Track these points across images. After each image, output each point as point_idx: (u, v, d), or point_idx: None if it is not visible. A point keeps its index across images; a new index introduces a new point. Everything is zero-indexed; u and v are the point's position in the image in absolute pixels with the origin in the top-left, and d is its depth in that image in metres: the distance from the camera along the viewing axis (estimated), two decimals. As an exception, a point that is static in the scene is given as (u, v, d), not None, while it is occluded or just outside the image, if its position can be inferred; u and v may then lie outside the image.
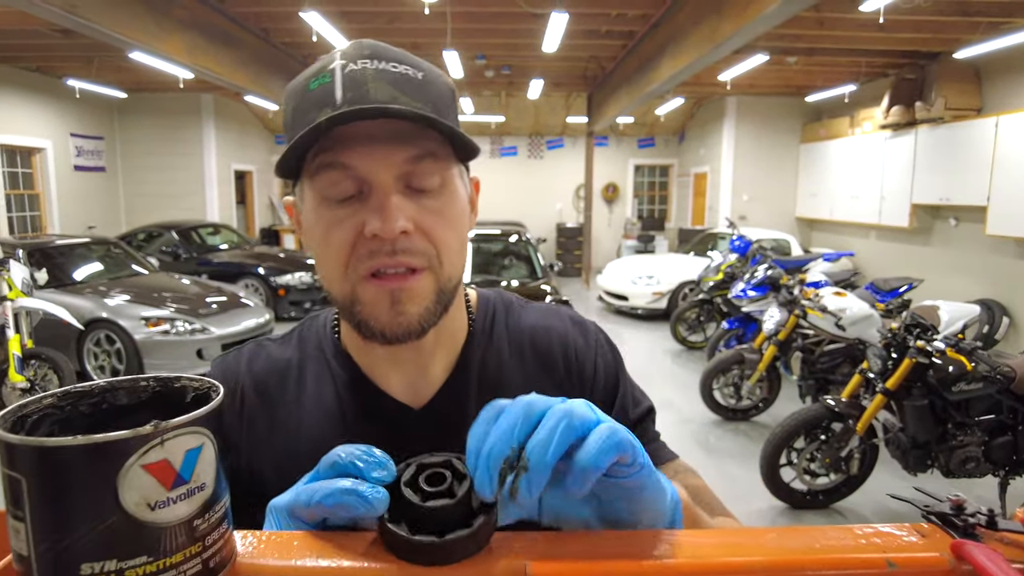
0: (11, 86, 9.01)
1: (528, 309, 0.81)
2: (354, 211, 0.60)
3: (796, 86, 10.49)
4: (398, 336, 0.62)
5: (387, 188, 0.59)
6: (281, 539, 0.46)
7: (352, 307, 0.62)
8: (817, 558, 0.44)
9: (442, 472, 0.46)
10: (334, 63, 0.59)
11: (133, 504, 0.36)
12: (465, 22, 7.03)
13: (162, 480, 0.37)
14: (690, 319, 7.13)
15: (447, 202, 0.63)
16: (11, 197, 9.08)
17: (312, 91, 0.59)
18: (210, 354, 5.64)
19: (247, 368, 0.74)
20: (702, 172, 12.89)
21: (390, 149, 0.59)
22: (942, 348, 3.11)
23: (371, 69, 0.59)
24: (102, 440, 0.35)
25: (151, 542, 0.37)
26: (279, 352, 0.75)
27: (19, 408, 0.41)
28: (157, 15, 5.52)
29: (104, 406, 0.45)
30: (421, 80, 0.61)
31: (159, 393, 0.46)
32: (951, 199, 7.44)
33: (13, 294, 4.47)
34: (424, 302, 0.62)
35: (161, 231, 8.89)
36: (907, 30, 6.91)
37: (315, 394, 0.71)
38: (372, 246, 0.59)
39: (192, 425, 0.38)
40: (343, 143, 0.58)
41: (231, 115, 12.18)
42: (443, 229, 0.62)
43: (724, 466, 4.13)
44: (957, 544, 0.45)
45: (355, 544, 0.45)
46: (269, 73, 7.90)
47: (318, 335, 0.76)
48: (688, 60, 5.90)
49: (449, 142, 0.62)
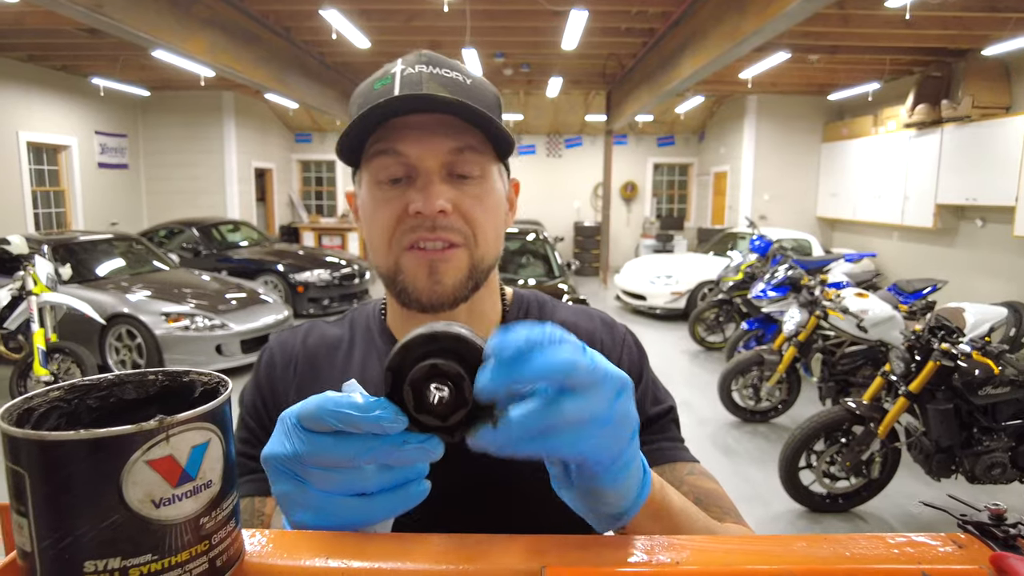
0: (38, 85, 9.17)
1: (561, 308, 0.85)
2: (401, 192, 0.68)
3: (818, 84, 10.35)
4: (433, 303, 0.69)
5: (432, 173, 0.67)
6: (290, 539, 0.45)
7: (395, 276, 0.70)
8: (847, 567, 0.42)
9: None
10: (395, 68, 0.70)
11: (137, 501, 0.35)
12: (484, 20, 7.02)
13: (167, 477, 0.36)
14: (709, 319, 7.06)
15: (485, 190, 0.70)
16: (37, 194, 9.24)
17: (375, 90, 0.69)
18: (229, 350, 5.70)
19: (302, 342, 0.82)
20: (722, 171, 12.77)
21: (437, 139, 0.67)
22: (968, 351, 3.05)
23: (427, 72, 0.68)
24: (105, 435, 0.34)
25: (156, 540, 0.36)
26: (332, 330, 0.84)
27: (25, 401, 0.40)
28: (180, 14, 5.57)
29: (111, 400, 0.44)
30: (470, 85, 0.70)
31: (167, 387, 0.45)
32: (978, 199, 7.29)
33: (38, 289, 4.54)
34: (458, 274, 0.69)
35: (182, 228, 8.99)
36: (934, 26, 6.78)
37: (360, 365, 0.78)
38: (414, 222, 0.67)
39: (198, 420, 0.37)
40: (396, 132, 0.67)
41: (251, 113, 12.29)
42: (479, 212, 0.69)
43: (742, 468, 4.08)
44: (997, 556, 0.43)
45: (366, 545, 0.43)
46: (289, 71, 7.95)
47: (367, 317, 0.84)
48: (709, 58, 5.84)
49: (490, 140, 0.70)
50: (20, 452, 0.34)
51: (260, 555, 0.43)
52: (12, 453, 0.34)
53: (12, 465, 0.35)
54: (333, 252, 9.53)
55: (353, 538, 0.44)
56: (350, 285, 8.69)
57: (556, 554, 0.42)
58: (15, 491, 0.35)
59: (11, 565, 0.39)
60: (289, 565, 0.42)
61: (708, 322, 7.07)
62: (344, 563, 0.41)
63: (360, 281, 8.87)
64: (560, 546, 0.44)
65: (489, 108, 0.70)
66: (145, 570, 0.36)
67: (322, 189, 14.72)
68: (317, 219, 14.02)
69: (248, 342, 5.84)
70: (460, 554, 0.42)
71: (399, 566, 0.41)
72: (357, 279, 8.80)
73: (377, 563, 0.41)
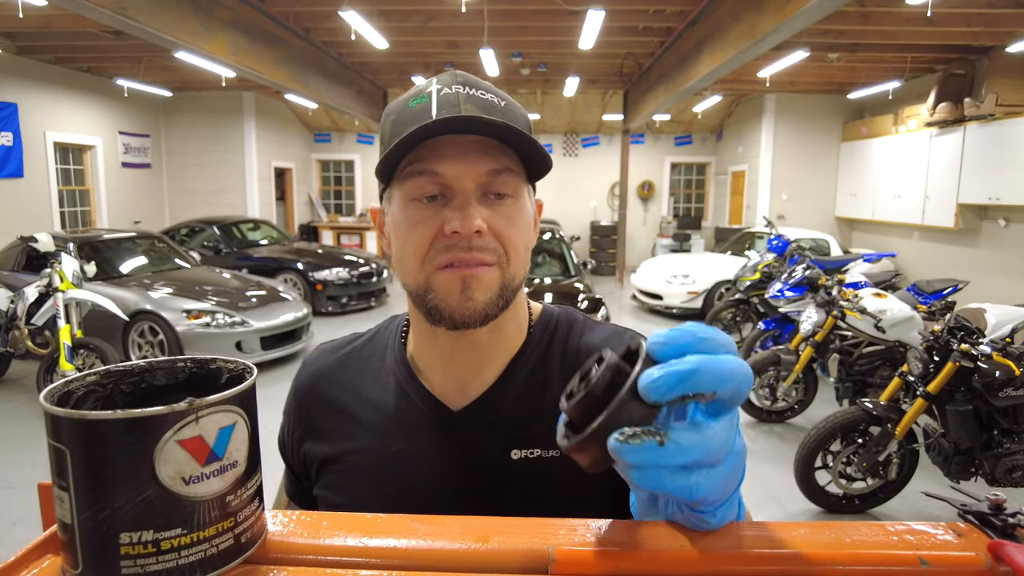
0: (65, 86, 9.34)
1: (594, 329, 0.82)
2: (436, 211, 0.68)
3: (838, 83, 10.24)
4: (465, 320, 0.68)
5: (468, 193, 0.67)
6: (311, 519, 0.47)
7: (425, 295, 0.69)
8: (847, 553, 0.43)
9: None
10: (431, 87, 0.69)
11: (168, 477, 0.37)
12: (502, 20, 7.04)
13: (196, 455, 0.38)
14: (726, 319, 7.02)
15: (518, 211, 0.71)
16: (63, 192, 9.41)
17: (411, 108, 0.69)
18: (249, 347, 5.77)
19: (324, 359, 0.85)
20: (740, 170, 12.68)
21: (474, 160, 0.67)
22: (988, 352, 3.01)
23: (463, 93, 0.68)
24: (140, 415, 0.36)
25: (185, 515, 0.38)
26: (358, 346, 0.85)
27: (65, 384, 0.42)
28: (202, 15, 5.66)
29: (143, 385, 0.47)
30: (504, 107, 0.70)
31: (195, 374, 0.48)
32: (1001, 199, 7.17)
33: (64, 286, 4.64)
34: (490, 292, 0.68)
35: (203, 226, 9.11)
36: (956, 23, 6.68)
37: (372, 387, 0.79)
38: (450, 242, 0.67)
39: (226, 403, 0.40)
40: (433, 152, 0.67)
41: (272, 113, 12.42)
42: (512, 232, 0.70)
43: (758, 468, 4.07)
44: (995, 544, 0.44)
45: (381, 525, 0.45)
46: (308, 71, 8.03)
47: (390, 336, 0.84)
48: (726, 56, 5.81)
49: (523, 161, 0.71)
50: (62, 430, 0.37)
51: (282, 533, 0.45)
52: (55, 431, 0.37)
53: (55, 443, 0.37)
54: (352, 251, 9.61)
55: (370, 519, 0.46)
56: (368, 283, 8.76)
57: (565, 536, 0.44)
58: (57, 467, 0.37)
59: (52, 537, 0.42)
60: (309, 543, 0.44)
61: (725, 322, 7.03)
62: (361, 541, 0.44)
63: (378, 279, 8.94)
64: (569, 529, 0.45)
65: (522, 128, 0.70)
66: (175, 543, 0.38)
67: (341, 188, 14.83)
68: (336, 218, 14.14)
69: (268, 339, 5.92)
70: (472, 535, 0.44)
71: (413, 544, 0.43)
72: (375, 277, 8.87)
73: (391, 541, 0.43)
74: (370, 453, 0.75)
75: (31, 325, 4.79)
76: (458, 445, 0.73)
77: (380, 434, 0.75)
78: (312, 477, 0.80)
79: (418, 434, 0.74)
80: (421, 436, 0.74)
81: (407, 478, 0.73)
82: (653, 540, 0.44)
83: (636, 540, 0.44)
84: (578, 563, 0.42)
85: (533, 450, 0.71)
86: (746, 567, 0.43)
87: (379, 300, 9.14)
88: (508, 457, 0.71)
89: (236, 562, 0.41)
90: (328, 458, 0.77)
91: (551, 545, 0.43)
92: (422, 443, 0.73)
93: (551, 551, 0.42)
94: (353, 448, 0.76)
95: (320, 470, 0.78)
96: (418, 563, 0.42)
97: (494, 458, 0.72)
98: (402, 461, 0.73)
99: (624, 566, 0.41)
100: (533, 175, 0.74)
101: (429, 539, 0.44)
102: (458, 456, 0.72)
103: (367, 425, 0.76)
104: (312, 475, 0.80)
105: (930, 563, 0.43)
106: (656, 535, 0.45)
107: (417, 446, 0.73)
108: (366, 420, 0.77)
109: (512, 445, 0.72)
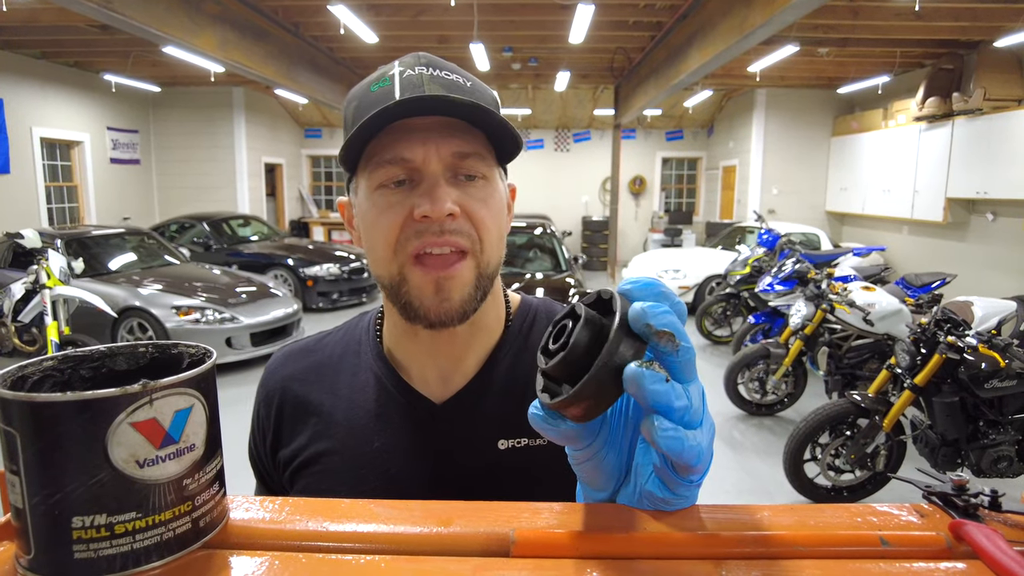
0: (52, 81, 9.26)
1: None
2: (404, 196, 0.65)
3: (828, 78, 10.27)
4: (441, 320, 0.67)
5: (437, 176, 0.65)
6: (274, 504, 0.47)
7: (399, 288, 0.67)
8: (808, 534, 0.43)
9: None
10: (393, 70, 0.67)
11: (122, 460, 0.37)
12: (492, 14, 7.02)
13: (151, 438, 0.38)
14: (716, 313, 7.05)
15: (489, 192, 0.68)
16: (51, 189, 9.34)
17: (373, 92, 0.66)
18: (239, 343, 5.75)
19: (286, 375, 0.81)
20: (731, 165, 12.71)
21: (440, 141, 0.64)
22: (974, 344, 3.03)
23: (427, 74, 0.66)
24: (91, 397, 0.36)
25: (140, 498, 0.38)
26: (328, 344, 0.83)
27: (19, 368, 0.42)
28: (190, 10, 5.61)
29: (103, 370, 0.46)
30: (470, 87, 0.68)
31: (157, 359, 0.47)
32: (989, 193, 7.22)
33: (51, 282, 4.60)
34: (465, 288, 0.66)
35: (193, 222, 9.06)
36: (945, 18, 6.72)
37: (348, 384, 0.77)
38: (420, 227, 0.64)
39: (181, 386, 0.39)
40: (398, 136, 0.64)
41: (261, 109, 12.35)
42: (485, 214, 0.67)
43: (747, 461, 4.09)
44: (956, 524, 0.44)
45: (344, 509, 0.45)
46: (298, 66, 7.98)
47: (361, 331, 0.82)
48: (716, 51, 5.82)
49: (492, 143, 0.68)
50: (13, 413, 0.36)
51: (244, 519, 0.45)
52: (5, 415, 0.37)
53: (5, 426, 0.37)
54: (342, 247, 9.58)
55: (333, 503, 0.46)
56: (359, 279, 8.74)
57: (527, 519, 0.44)
58: (8, 451, 0.37)
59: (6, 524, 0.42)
60: (270, 528, 0.44)
61: (715, 316, 7.06)
62: (323, 525, 0.43)
63: (369, 275, 8.91)
64: (532, 512, 0.45)
65: (492, 108, 0.68)
66: (130, 527, 0.38)
67: (332, 184, 14.77)
68: (327, 214, 14.09)
69: (258, 335, 5.89)
70: (434, 518, 0.44)
71: (374, 528, 0.43)
72: (366, 273, 8.85)
73: (353, 525, 0.43)
74: (349, 452, 0.73)
75: (18, 322, 4.76)
76: (443, 437, 0.72)
77: (360, 432, 0.73)
78: (287, 483, 0.77)
79: (401, 429, 0.73)
80: (404, 431, 0.72)
81: (391, 474, 0.71)
82: (615, 522, 0.44)
83: (598, 522, 0.44)
84: (539, 545, 0.42)
85: (520, 439, 0.71)
86: (709, 549, 0.43)
87: (370, 296, 9.13)
88: (495, 447, 0.71)
89: (194, 546, 0.41)
90: (305, 461, 0.75)
91: (512, 527, 0.43)
92: (406, 437, 0.72)
93: (512, 533, 0.42)
94: (330, 448, 0.74)
95: (296, 475, 0.76)
96: (380, 547, 0.42)
97: (481, 449, 0.71)
98: (385, 457, 0.72)
99: (585, 548, 0.41)
100: (503, 157, 0.71)
101: (391, 523, 0.43)
102: (444, 448, 0.71)
103: (345, 424, 0.74)
104: (286, 481, 0.77)
105: (891, 543, 0.43)
106: (619, 517, 0.45)
107: (401, 441, 0.72)
108: (343, 419, 0.75)
109: (499, 435, 0.71)
